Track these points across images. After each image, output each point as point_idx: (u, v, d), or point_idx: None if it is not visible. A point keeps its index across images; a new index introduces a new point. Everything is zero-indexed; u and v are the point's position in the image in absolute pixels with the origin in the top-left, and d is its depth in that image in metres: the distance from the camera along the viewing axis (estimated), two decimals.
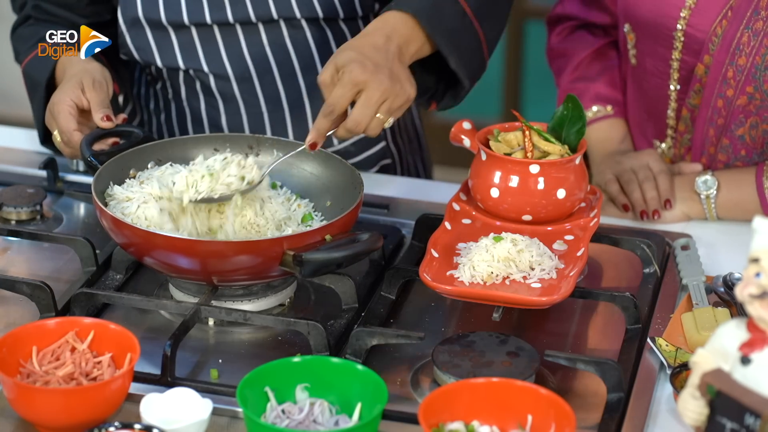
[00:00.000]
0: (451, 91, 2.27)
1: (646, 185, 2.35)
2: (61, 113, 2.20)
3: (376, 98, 2.05)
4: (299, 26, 2.39)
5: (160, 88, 2.51)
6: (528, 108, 4.78)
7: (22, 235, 2.24)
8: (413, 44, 2.14)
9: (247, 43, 2.39)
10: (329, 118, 2.07)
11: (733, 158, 2.39)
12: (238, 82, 2.42)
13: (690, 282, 2.14)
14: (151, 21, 2.37)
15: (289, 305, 2.11)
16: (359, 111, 2.05)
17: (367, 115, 2.05)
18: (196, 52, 2.40)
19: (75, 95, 2.22)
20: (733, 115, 2.34)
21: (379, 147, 2.57)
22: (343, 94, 2.05)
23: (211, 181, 2.04)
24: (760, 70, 2.28)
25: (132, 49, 2.40)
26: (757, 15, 2.26)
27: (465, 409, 1.77)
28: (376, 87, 2.04)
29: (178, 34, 2.38)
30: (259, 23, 2.37)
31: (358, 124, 2.06)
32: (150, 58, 2.41)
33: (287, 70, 2.42)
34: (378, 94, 2.05)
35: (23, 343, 1.86)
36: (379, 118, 2.06)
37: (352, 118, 2.06)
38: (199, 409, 1.79)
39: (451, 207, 2.19)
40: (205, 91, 2.45)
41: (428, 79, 2.27)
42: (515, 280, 2.00)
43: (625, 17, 2.43)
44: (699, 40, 2.32)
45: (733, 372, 1.69)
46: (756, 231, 1.67)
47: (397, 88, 2.07)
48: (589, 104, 2.51)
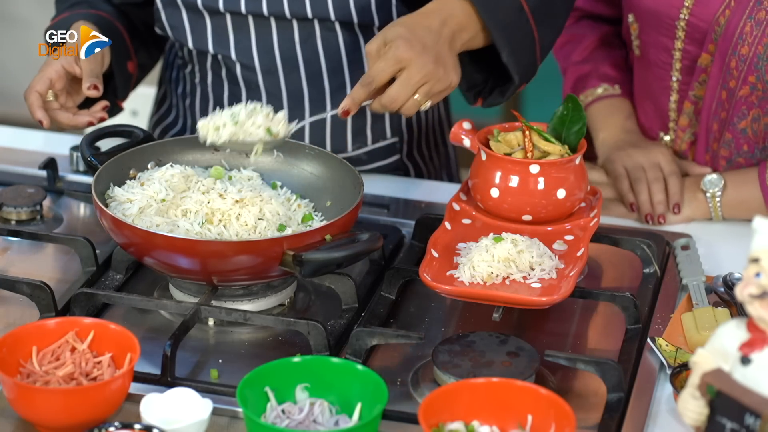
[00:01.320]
0: (500, 88, 2.25)
1: (655, 187, 2.35)
2: (40, 73, 2.23)
3: (417, 79, 2.04)
4: (332, 29, 2.39)
5: (188, 72, 2.52)
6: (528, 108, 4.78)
7: (22, 235, 2.24)
8: (467, 32, 2.13)
9: (278, 38, 2.38)
10: (367, 89, 2.05)
11: (735, 154, 2.38)
12: (264, 75, 2.42)
13: (690, 282, 2.14)
14: (188, 3, 2.38)
15: (289, 305, 2.11)
16: (397, 88, 2.04)
17: (404, 94, 2.04)
18: (228, 39, 2.40)
19: (68, 62, 2.23)
20: (736, 107, 2.34)
21: (392, 160, 2.55)
22: (384, 68, 2.04)
23: (236, 129, 2.04)
24: (762, 59, 2.28)
25: (167, 26, 2.42)
26: (760, 5, 2.27)
27: (465, 409, 1.77)
28: (419, 68, 2.03)
29: (212, 19, 2.39)
30: (293, 20, 2.37)
31: (393, 101, 2.04)
32: (182, 38, 2.42)
33: (314, 70, 2.42)
34: (419, 75, 2.04)
35: (23, 343, 1.86)
36: (417, 100, 2.05)
37: (389, 94, 2.04)
38: (199, 409, 1.79)
39: (451, 207, 2.19)
40: (230, 79, 2.45)
41: (477, 75, 2.25)
42: (515, 280, 2.00)
43: (629, 7, 2.44)
44: (702, 30, 2.32)
45: (733, 372, 1.69)
46: (756, 231, 1.67)
47: (441, 72, 2.06)
48: (596, 83, 2.52)
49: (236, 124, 2.05)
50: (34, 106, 2.21)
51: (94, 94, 2.22)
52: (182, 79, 2.57)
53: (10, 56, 2.49)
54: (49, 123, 2.22)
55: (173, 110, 2.62)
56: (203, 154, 2.24)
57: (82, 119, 2.25)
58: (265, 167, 2.24)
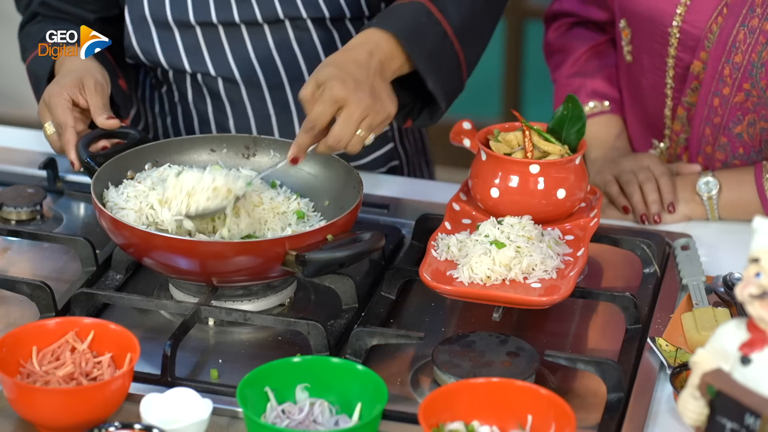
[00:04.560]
0: (428, 110, 2.27)
1: (647, 187, 2.34)
2: (59, 106, 2.20)
3: (357, 115, 2.05)
4: (305, 27, 2.39)
5: (165, 92, 2.51)
6: (528, 108, 4.78)
7: (22, 235, 2.24)
8: (395, 62, 2.15)
9: (252, 45, 2.38)
10: (310, 134, 2.07)
11: (731, 156, 2.39)
12: (246, 85, 2.42)
13: (690, 282, 2.14)
14: (157, 19, 2.37)
15: (289, 305, 2.11)
16: (340, 128, 2.05)
17: (348, 132, 2.06)
18: (202, 55, 2.39)
19: (72, 92, 2.21)
20: (731, 112, 2.34)
21: (387, 148, 2.57)
22: (324, 111, 2.05)
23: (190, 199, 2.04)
24: (757, 67, 2.28)
25: (138, 50, 2.40)
26: (753, 12, 2.26)
27: (465, 409, 1.77)
28: (357, 104, 2.05)
29: (183, 36, 2.38)
30: (264, 24, 2.37)
31: (339, 140, 2.06)
32: (155, 59, 2.40)
33: (294, 72, 2.42)
34: (359, 111, 2.05)
35: (23, 343, 1.86)
36: (360, 135, 2.07)
37: (333, 134, 2.06)
38: (199, 409, 1.79)
39: (451, 207, 2.19)
40: (212, 95, 2.44)
41: (404, 96, 2.25)
42: (515, 280, 2.00)
43: (621, 13, 2.43)
44: (694, 37, 2.32)
45: (733, 372, 1.69)
46: (756, 231, 1.67)
47: (378, 105, 2.07)
48: (586, 99, 2.51)
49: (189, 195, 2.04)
50: (70, 145, 2.18)
51: (113, 125, 2.20)
52: (158, 99, 2.55)
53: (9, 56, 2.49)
54: (80, 165, 2.18)
55: (150, 129, 2.60)
56: (200, 154, 2.25)
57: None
58: (264, 167, 2.23)
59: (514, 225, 2.07)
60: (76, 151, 2.17)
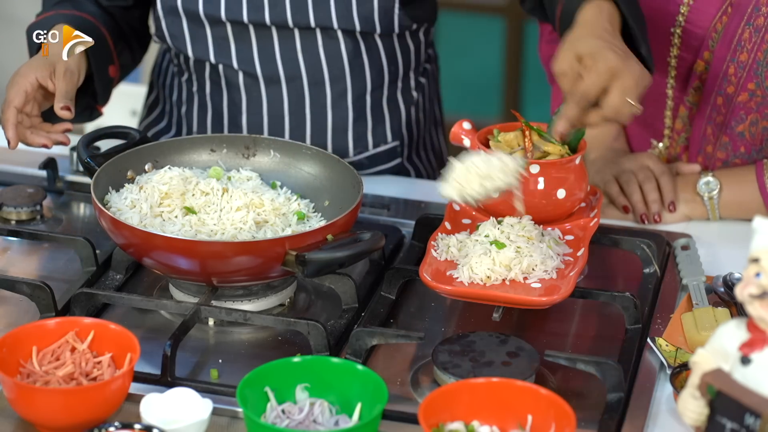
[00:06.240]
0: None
1: (647, 186, 2.34)
2: (17, 84, 2.20)
3: (632, 84, 2.01)
4: (335, 37, 2.39)
5: (185, 80, 2.52)
6: (528, 108, 4.78)
7: (22, 235, 2.24)
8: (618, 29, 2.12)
9: (280, 47, 2.39)
10: (580, 105, 2.02)
11: (732, 155, 2.39)
12: (266, 83, 2.43)
13: (690, 282, 2.14)
14: (189, 12, 2.38)
15: (289, 305, 2.11)
16: (618, 98, 2.00)
17: (625, 103, 2.01)
18: (229, 49, 2.41)
19: (41, 75, 2.21)
20: (734, 112, 2.34)
21: (393, 164, 2.56)
22: (596, 82, 2.00)
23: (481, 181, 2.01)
24: (762, 66, 2.28)
25: (167, 35, 2.42)
26: (758, 11, 2.26)
27: (465, 409, 1.77)
28: (630, 74, 2.01)
29: (213, 29, 2.40)
30: (295, 29, 2.38)
31: (617, 112, 2.01)
32: (182, 47, 2.43)
33: (316, 78, 2.42)
34: (632, 80, 2.01)
35: (23, 343, 1.86)
36: (632, 105, 2.02)
37: (611, 105, 2.01)
38: (199, 409, 1.79)
39: (451, 207, 2.19)
40: (229, 89, 2.45)
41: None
42: (515, 280, 2.00)
43: None
44: (697, 37, 2.32)
45: (733, 372, 1.69)
46: (756, 231, 1.67)
47: (644, 73, 2.03)
48: None
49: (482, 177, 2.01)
50: (9, 123, 2.18)
51: (66, 116, 2.19)
52: (177, 87, 2.56)
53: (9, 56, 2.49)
54: (16, 144, 2.18)
55: (165, 116, 2.61)
56: (200, 155, 2.25)
57: (38, 140, 2.21)
58: (264, 167, 2.24)
59: (514, 225, 2.07)
60: (14, 129, 2.17)
